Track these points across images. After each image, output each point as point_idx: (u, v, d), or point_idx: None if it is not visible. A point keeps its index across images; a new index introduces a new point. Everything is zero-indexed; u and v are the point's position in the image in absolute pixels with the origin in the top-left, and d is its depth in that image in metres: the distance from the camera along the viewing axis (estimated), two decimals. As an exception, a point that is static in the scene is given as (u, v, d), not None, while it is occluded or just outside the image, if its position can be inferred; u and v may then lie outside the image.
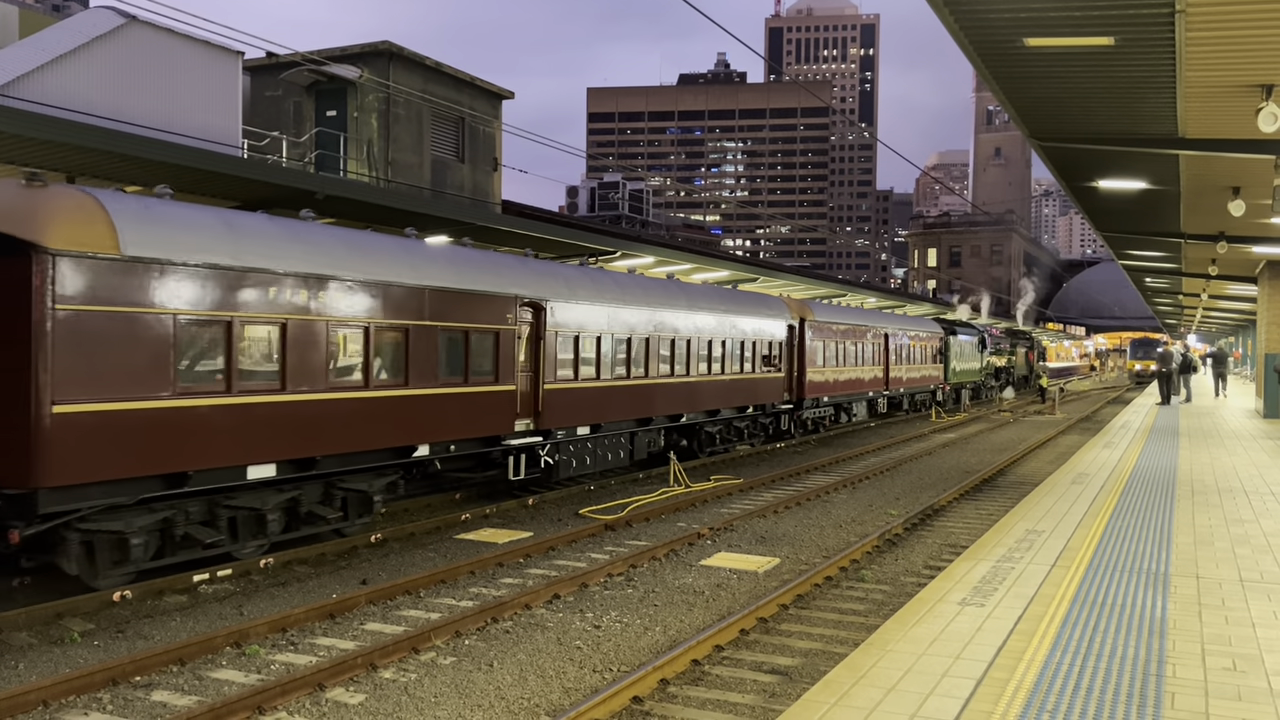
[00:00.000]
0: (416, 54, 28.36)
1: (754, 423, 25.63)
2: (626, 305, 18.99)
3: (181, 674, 8.44)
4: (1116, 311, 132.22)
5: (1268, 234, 21.64)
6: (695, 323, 21.59)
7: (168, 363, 10.55)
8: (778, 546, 13.92)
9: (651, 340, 19.85)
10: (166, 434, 10.52)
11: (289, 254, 11.97)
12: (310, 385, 12.14)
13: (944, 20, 9.08)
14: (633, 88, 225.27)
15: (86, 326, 9.82)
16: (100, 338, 9.93)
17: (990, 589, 8.30)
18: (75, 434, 9.71)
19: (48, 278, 9.52)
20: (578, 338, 17.51)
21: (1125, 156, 14.73)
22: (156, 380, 10.44)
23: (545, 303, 16.55)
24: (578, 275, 18.01)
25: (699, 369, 21.69)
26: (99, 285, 9.94)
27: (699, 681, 8.31)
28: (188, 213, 11.14)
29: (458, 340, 14.61)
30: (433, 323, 14.09)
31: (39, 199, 9.84)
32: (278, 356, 11.76)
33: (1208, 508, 12.67)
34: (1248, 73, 10.11)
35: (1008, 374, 56.52)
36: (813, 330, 28.05)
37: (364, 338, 12.96)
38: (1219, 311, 50.11)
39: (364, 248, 13.25)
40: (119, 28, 18.65)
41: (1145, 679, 6.15)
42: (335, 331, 12.50)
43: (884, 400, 36.05)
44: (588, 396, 17.80)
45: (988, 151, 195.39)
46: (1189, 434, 23.32)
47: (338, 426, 12.54)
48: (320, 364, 12.28)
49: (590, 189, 60.69)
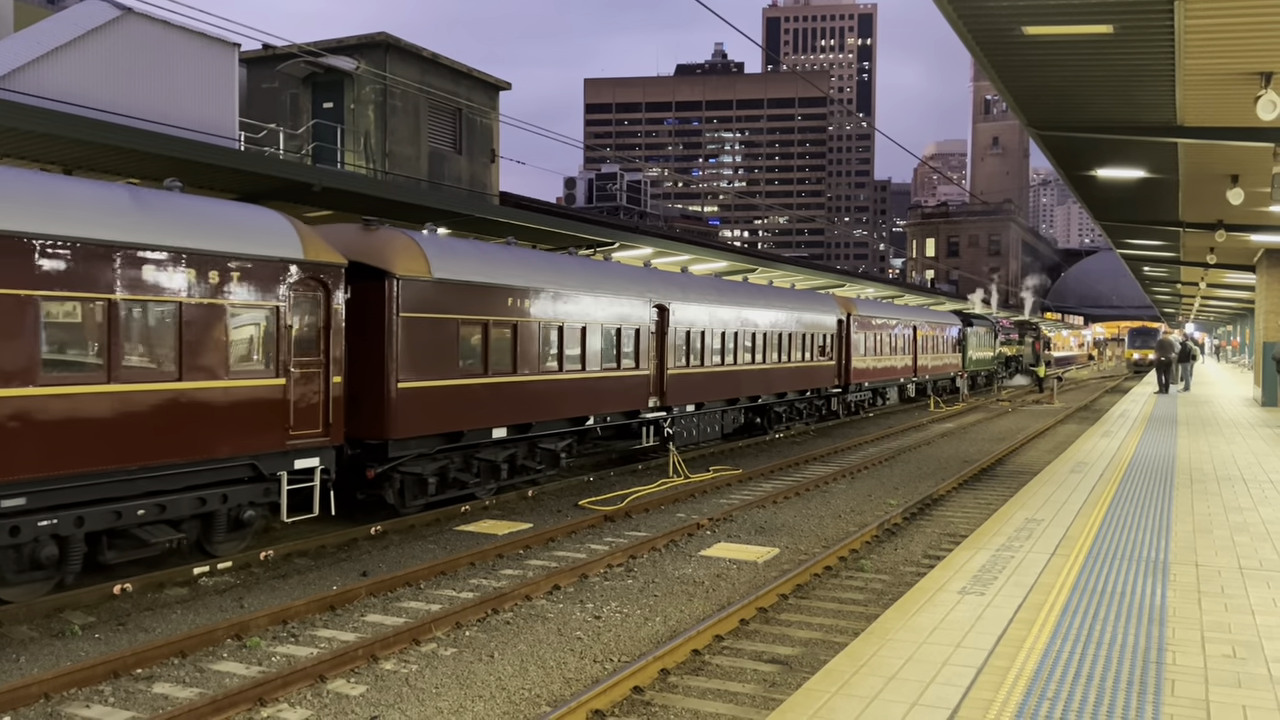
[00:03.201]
0: (413, 45, 28.29)
1: (810, 404, 29.34)
2: (722, 305, 22.80)
3: (183, 666, 8.45)
4: (1115, 300, 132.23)
5: (1266, 222, 21.63)
6: (770, 318, 25.28)
7: (455, 352, 14.59)
8: (777, 537, 13.94)
9: (739, 334, 23.64)
10: (453, 403, 14.59)
11: (518, 274, 16.04)
12: (530, 369, 16.21)
13: (942, 8, 9.05)
14: (630, 78, 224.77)
15: (413, 328, 13.83)
16: (419, 335, 13.92)
17: (990, 578, 8.31)
18: (407, 402, 13.73)
19: (395, 294, 13.55)
20: (689, 332, 21.37)
21: (1124, 145, 14.71)
22: (450, 365, 14.51)
23: (669, 304, 20.54)
24: (688, 280, 22.05)
25: (772, 358, 25.52)
26: (419, 299, 13.94)
27: (699, 671, 8.33)
28: (460, 245, 15.34)
29: (611, 335, 18.57)
30: (601, 321, 18.16)
31: (385, 240, 13.84)
32: (511, 347, 15.77)
33: (1206, 495, 12.69)
34: (1246, 60, 10.09)
35: (1017, 362, 59.08)
36: (856, 324, 31.60)
37: (558, 334, 16.96)
38: (1217, 300, 50.13)
39: (558, 265, 17.40)
40: (115, 20, 18.58)
41: (1145, 666, 6.16)
42: (543, 329, 16.53)
43: (913, 386, 39.54)
44: (696, 380, 21.76)
45: (985, 141, 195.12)
46: (1187, 422, 23.35)
47: (543, 401, 16.52)
48: (534, 353, 16.32)
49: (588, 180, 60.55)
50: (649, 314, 19.80)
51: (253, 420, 11.50)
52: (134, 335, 10.26)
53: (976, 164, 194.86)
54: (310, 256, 12.18)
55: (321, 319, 12.46)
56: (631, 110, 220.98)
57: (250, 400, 11.47)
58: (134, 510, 10.39)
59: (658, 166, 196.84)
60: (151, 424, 10.37)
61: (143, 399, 10.29)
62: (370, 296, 13.45)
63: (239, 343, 11.40)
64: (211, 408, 11.02)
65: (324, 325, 12.48)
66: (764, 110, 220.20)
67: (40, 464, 9.44)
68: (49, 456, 9.50)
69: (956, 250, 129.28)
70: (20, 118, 11.37)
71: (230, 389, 11.24)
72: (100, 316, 9.92)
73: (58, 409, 9.56)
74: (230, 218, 11.51)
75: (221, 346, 11.12)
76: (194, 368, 10.80)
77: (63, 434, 9.61)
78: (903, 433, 29.00)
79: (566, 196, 60.18)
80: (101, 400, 9.91)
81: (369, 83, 27.37)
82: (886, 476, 19.96)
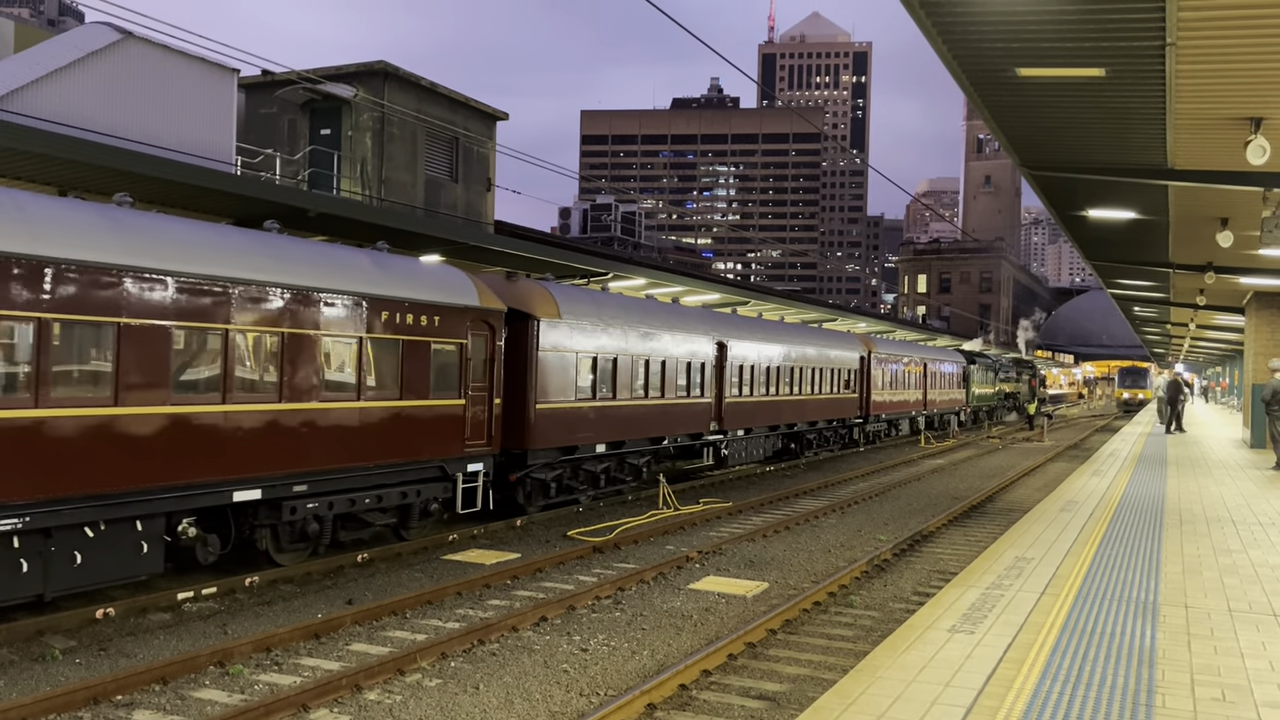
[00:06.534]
0: (411, 74, 28.46)
1: (835, 432, 32.44)
2: (768, 342, 25.94)
3: (164, 693, 8.34)
4: (1105, 340, 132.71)
5: (1255, 265, 21.79)
6: (806, 354, 28.53)
7: (574, 380, 17.77)
8: (766, 571, 13.88)
9: (781, 368, 26.75)
10: (571, 423, 17.69)
11: (619, 315, 19.26)
12: (625, 396, 19.34)
13: (937, 49, 9.15)
14: (626, 111, 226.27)
15: (547, 360, 17.10)
16: (550, 366, 17.16)
17: (980, 616, 8.28)
18: (542, 420, 16.98)
19: (536, 333, 16.83)
20: (741, 366, 24.38)
21: (1115, 186, 14.84)
22: (571, 391, 17.69)
23: (727, 341, 23.70)
24: (741, 320, 25.35)
25: (807, 390, 28.75)
26: (552, 337, 17.19)
27: (686, 707, 8.25)
28: (577, 292, 18.49)
29: (683, 368, 21.66)
30: (677, 356, 21.38)
31: (526, 288, 17.22)
32: (611, 377, 18.91)
33: (1196, 537, 12.68)
34: (1237, 105, 10.21)
35: (1014, 399, 61.70)
36: (875, 360, 34.59)
37: (644, 366, 20.11)
38: (1207, 341, 50.37)
39: (647, 308, 20.74)
40: (115, 43, 18.66)
41: (1135, 709, 6.13)
42: (636, 361, 19.75)
43: (923, 418, 42.31)
44: (746, 408, 24.87)
45: (978, 179, 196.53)
46: (1177, 463, 23.39)
47: (632, 422, 19.62)
48: (628, 381, 19.47)
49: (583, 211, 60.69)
50: (712, 350, 22.91)
51: (443, 431, 14.66)
52: (376, 364, 13.41)
53: (969, 202, 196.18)
54: (483, 304, 15.48)
55: (488, 352, 15.65)
56: (627, 142, 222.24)
57: (442, 416, 14.66)
58: (363, 499, 13.40)
59: (652, 198, 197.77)
60: (382, 432, 13.49)
61: (379, 413, 13.45)
62: (516, 334, 16.63)
63: (437, 371, 14.50)
64: (419, 421, 14.18)
65: (490, 357, 15.66)
66: (758, 145, 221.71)
67: (319, 460, 12.50)
68: (324, 455, 12.56)
69: (948, 286, 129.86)
70: (16, 138, 11.38)
71: (431, 407, 14.43)
72: (355, 349, 13.08)
73: (332, 419, 12.69)
74: (432, 274, 14.79)
75: (426, 374, 14.26)
76: (410, 390, 13.97)
77: (332, 437, 12.67)
78: (893, 468, 28.97)
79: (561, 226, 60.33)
80: (353, 413, 13.04)
81: (366, 110, 27.51)
82: (877, 511, 19.91)
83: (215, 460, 11.19)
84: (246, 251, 11.78)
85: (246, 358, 11.65)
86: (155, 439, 10.57)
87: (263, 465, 11.74)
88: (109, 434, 10.08)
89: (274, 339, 11.93)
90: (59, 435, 9.64)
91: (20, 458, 9.31)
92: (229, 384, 11.35)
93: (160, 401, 10.60)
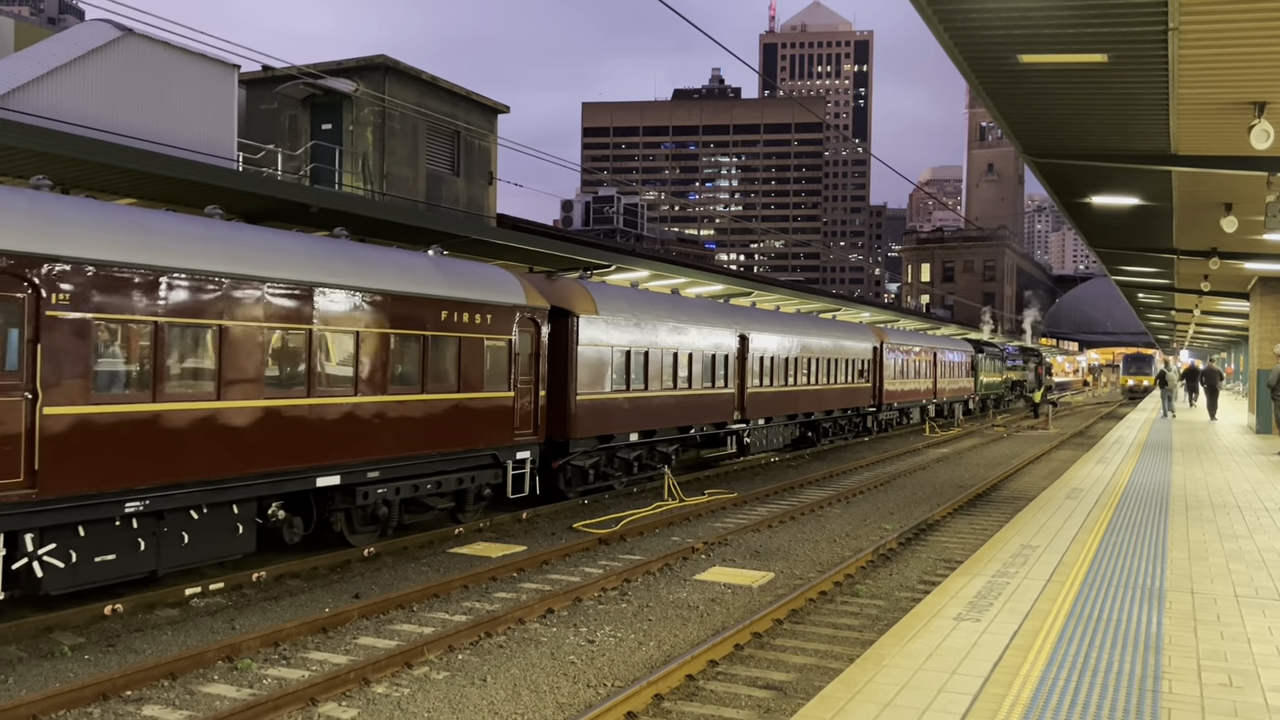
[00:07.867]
0: (412, 68, 28.40)
1: (850, 421, 33.32)
2: (786, 334, 26.81)
3: (173, 688, 8.38)
4: (1109, 327, 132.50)
5: (1260, 250, 21.73)
6: (822, 345, 29.34)
7: (609, 374, 18.65)
8: (772, 561, 13.89)
9: (799, 359, 27.65)
10: (608, 413, 18.61)
11: (650, 310, 20.09)
12: (656, 387, 20.20)
13: (939, 37, 9.12)
14: (627, 102, 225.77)
15: (587, 354, 17.99)
16: (589, 359, 18.04)
17: (986, 604, 8.28)
18: (583, 410, 17.84)
19: (576, 329, 17.74)
20: (761, 358, 25.29)
21: (1118, 172, 14.79)
22: (605, 382, 18.54)
23: (749, 334, 24.53)
24: (761, 313, 26.09)
25: (823, 380, 29.67)
26: (590, 332, 18.09)
27: (693, 697, 8.27)
28: (611, 289, 19.41)
29: (709, 359, 22.46)
30: (703, 349, 22.15)
31: (565, 286, 18.17)
32: (643, 369, 19.73)
33: (1202, 523, 12.67)
34: (1240, 90, 10.17)
35: (1021, 386, 62.12)
36: (888, 350, 35.41)
37: (673, 359, 20.87)
38: (1211, 327, 50.27)
39: (675, 303, 21.57)
40: (115, 40, 18.65)
41: (1141, 695, 6.13)
42: (666, 354, 20.53)
43: (933, 407, 42.93)
44: (767, 398, 25.71)
45: (981, 167, 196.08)
46: (1182, 449, 23.36)
47: (662, 412, 20.54)
48: (659, 373, 20.33)
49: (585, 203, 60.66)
50: (734, 342, 23.75)
51: (495, 421, 15.59)
52: (437, 359, 14.34)
53: (972, 190, 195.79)
54: (530, 302, 16.45)
55: (534, 348, 16.58)
56: (629, 134, 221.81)
57: (494, 407, 15.60)
58: (425, 484, 14.30)
59: (654, 190, 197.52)
60: (443, 422, 14.43)
61: (440, 404, 14.40)
62: (557, 330, 17.60)
63: (489, 365, 15.45)
64: (474, 411, 15.12)
65: (534, 352, 16.59)
66: (760, 135, 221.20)
67: (388, 448, 13.43)
68: (393, 443, 13.50)
69: (952, 275, 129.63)
70: (17, 136, 11.38)
71: (485, 398, 15.35)
72: (420, 346, 13.98)
73: (400, 410, 13.62)
74: (484, 275, 15.73)
75: (480, 368, 15.21)
76: (466, 383, 14.91)
77: (400, 428, 13.60)
78: (898, 457, 28.97)
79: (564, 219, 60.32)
80: (418, 405, 13.95)
81: (367, 105, 27.47)
82: (882, 501, 19.91)
83: (301, 449, 12.17)
84: (327, 257, 12.72)
85: (328, 354, 12.64)
86: (251, 430, 11.52)
87: (341, 453, 12.73)
88: (213, 425, 11.09)
89: (350, 337, 12.92)
90: (172, 427, 10.65)
91: (142, 446, 10.32)
92: (313, 379, 12.32)
93: (255, 395, 11.56)
